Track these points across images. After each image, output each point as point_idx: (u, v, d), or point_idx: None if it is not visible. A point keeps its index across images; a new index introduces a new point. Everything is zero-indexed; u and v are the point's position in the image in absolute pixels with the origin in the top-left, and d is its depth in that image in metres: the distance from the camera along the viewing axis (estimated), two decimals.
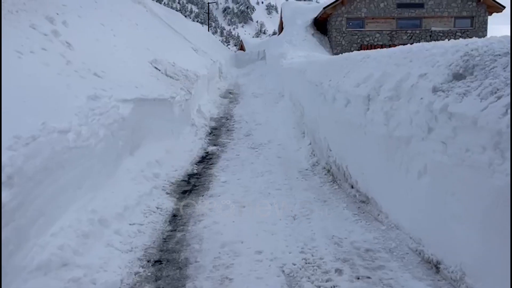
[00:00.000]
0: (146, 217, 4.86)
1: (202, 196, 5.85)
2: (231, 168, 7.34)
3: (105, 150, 5.16)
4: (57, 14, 7.79)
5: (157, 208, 5.21)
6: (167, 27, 21.39)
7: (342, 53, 7.84)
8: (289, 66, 14.26)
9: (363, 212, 4.71)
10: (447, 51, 3.78)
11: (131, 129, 6.74)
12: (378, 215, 4.45)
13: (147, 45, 11.83)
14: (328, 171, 6.46)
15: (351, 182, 5.37)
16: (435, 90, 3.38)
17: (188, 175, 7.05)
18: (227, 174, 6.97)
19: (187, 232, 4.49)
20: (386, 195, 4.32)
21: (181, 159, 7.81)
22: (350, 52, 6.91)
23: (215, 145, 9.38)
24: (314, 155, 7.68)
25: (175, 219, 4.94)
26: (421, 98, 3.53)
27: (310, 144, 8.24)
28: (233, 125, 11.69)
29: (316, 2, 34.12)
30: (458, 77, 3.29)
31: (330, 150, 6.40)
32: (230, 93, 18.24)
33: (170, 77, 10.50)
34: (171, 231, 4.58)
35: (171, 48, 14.79)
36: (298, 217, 4.72)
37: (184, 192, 6.09)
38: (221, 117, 12.86)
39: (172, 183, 6.53)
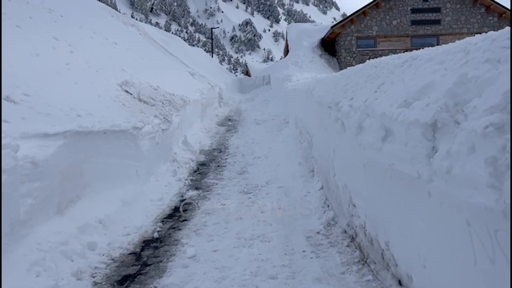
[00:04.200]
0: None
1: None
2: (208, 229, 5.08)
3: None
4: None
5: None
6: (161, 50, 19.66)
7: None
8: (294, 87, 12.16)
9: None
10: None
11: (58, 176, 4.58)
12: None
13: (123, 66, 9.86)
14: (352, 239, 4.16)
15: (398, 274, 3.06)
16: None
17: (144, 242, 4.79)
18: (201, 240, 4.70)
19: None
20: None
21: (141, 214, 5.59)
22: (380, 58, 4.74)
23: (197, 188, 7.15)
24: (328, 206, 5.41)
25: None
26: None
27: (322, 188, 5.97)
28: (226, 159, 9.49)
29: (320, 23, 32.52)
30: None
31: (354, 206, 4.12)
32: (229, 120, 16.22)
33: (144, 102, 8.42)
34: None
35: (159, 71, 12.88)
36: None
37: (123, 280, 3.82)
38: (214, 149, 10.69)
39: (113, 259, 4.28)
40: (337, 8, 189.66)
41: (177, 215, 5.76)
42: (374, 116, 3.29)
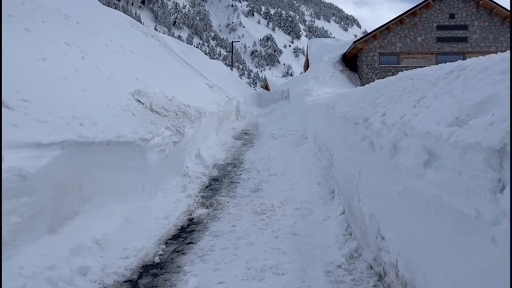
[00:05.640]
0: None
1: None
2: (216, 255, 4.55)
3: None
4: None
5: None
6: (180, 61, 19.47)
7: None
8: (314, 102, 11.64)
9: None
10: None
11: (51, 191, 4.14)
12: None
13: (138, 75, 9.54)
14: (380, 277, 3.56)
15: None
16: None
17: (143, 267, 4.29)
18: (206, 269, 4.17)
19: None
20: None
21: (144, 234, 5.10)
22: (416, 69, 4.18)
23: (207, 206, 6.65)
24: (350, 234, 4.81)
25: None
26: None
27: (344, 213, 5.39)
28: (240, 175, 8.98)
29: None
30: None
31: (383, 239, 3.54)
32: (246, 133, 15.78)
33: (156, 112, 8.03)
34: None
35: (175, 82, 12.57)
36: None
37: None
38: (228, 163, 10.21)
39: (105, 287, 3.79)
40: (359, 26, 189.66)
41: (183, 236, 5.25)
42: (414, 136, 2.73)
